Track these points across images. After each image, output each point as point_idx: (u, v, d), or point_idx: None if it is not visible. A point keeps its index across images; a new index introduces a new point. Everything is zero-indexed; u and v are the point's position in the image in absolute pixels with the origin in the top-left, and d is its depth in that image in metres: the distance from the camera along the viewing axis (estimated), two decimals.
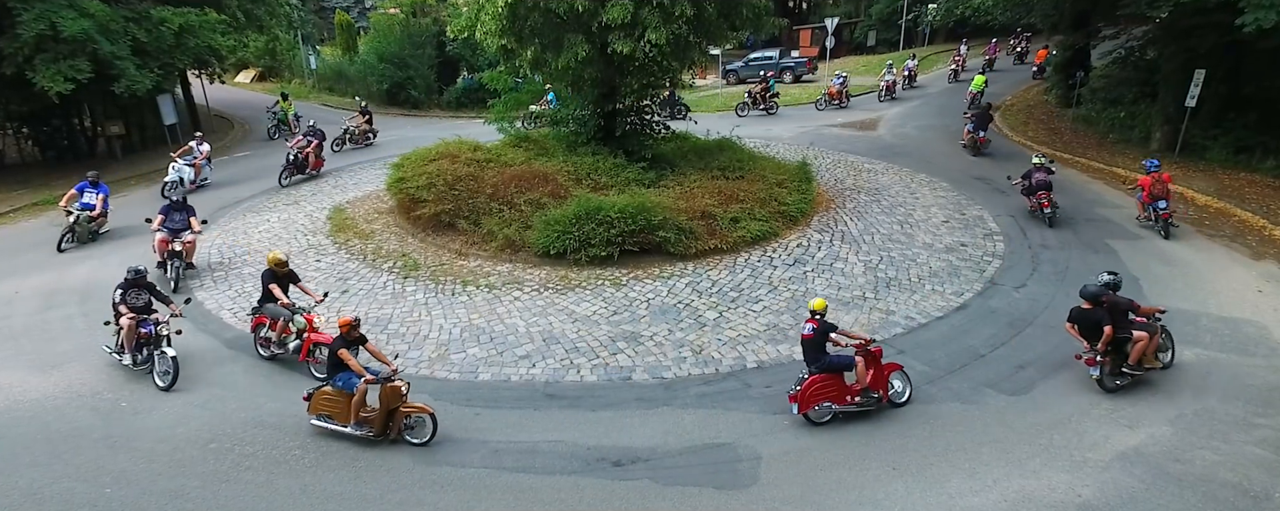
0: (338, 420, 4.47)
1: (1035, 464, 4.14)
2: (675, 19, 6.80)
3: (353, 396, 4.35)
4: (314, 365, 5.20)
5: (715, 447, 4.40)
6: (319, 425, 4.52)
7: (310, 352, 5.22)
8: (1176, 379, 4.91)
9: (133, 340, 5.18)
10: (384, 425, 4.43)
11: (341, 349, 4.36)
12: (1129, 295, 5.97)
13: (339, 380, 4.43)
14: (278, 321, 5.34)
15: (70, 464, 4.32)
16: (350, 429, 4.43)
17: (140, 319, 5.18)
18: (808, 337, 4.46)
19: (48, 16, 9.10)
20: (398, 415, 4.42)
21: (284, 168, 10.00)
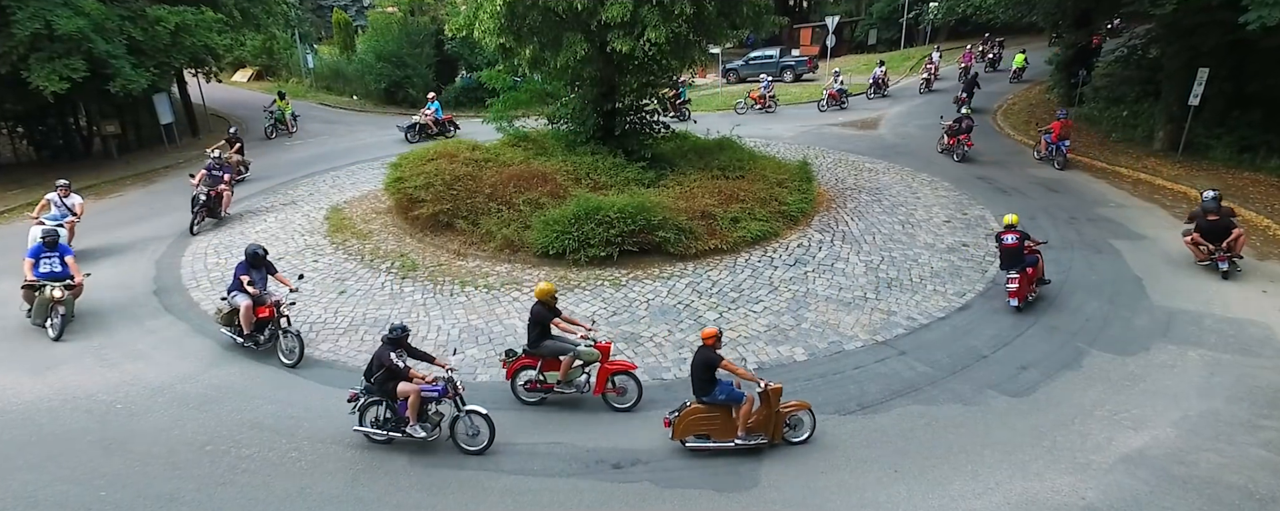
0: (717, 437, 4.15)
1: (1038, 466, 4.11)
2: (675, 17, 6.76)
3: (738, 407, 4.07)
4: (613, 396, 4.67)
5: (715, 449, 4.36)
6: (696, 446, 4.14)
7: (609, 382, 4.63)
8: (1181, 380, 4.87)
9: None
10: (772, 428, 4.14)
11: (721, 361, 4.01)
12: (1132, 295, 6.02)
13: (720, 393, 4.09)
14: (562, 358, 4.60)
15: (64, 466, 4.27)
16: (740, 440, 4.10)
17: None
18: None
19: (42, 15, 9.03)
20: (780, 416, 4.15)
21: (195, 212, 8.08)
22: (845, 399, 4.85)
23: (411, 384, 4.22)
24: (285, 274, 5.91)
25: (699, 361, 4.19)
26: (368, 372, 4.39)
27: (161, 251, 7.80)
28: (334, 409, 4.84)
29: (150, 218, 8.78)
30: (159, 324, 6.10)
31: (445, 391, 4.28)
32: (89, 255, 7.71)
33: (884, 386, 4.97)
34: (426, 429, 4.32)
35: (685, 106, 13.68)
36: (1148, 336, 5.45)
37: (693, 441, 4.26)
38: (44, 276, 5.74)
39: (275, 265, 5.87)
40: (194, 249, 7.84)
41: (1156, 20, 9.16)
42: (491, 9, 6.93)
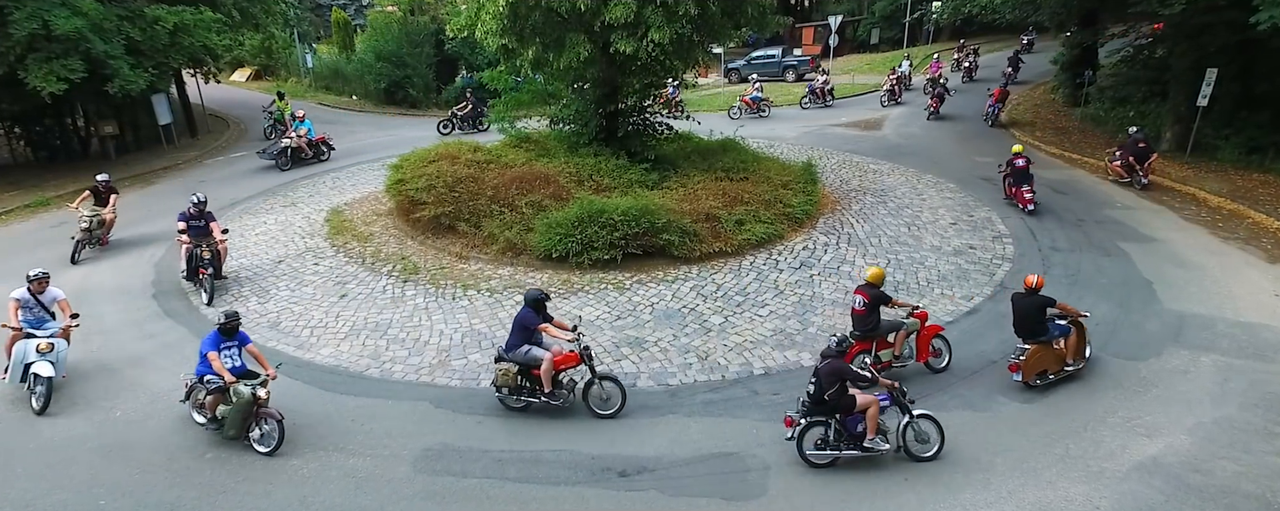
0: (1052, 369, 4.66)
1: (1051, 474, 4.05)
2: (679, 18, 6.68)
3: (1066, 339, 4.60)
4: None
5: (723, 457, 4.31)
6: (1041, 383, 4.60)
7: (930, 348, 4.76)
8: (1194, 386, 4.82)
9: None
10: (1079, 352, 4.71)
11: (1054, 302, 4.60)
12: (1142, 299, 5.93)
13: (1054, 329, 4.69)
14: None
15: (64, 474, 4.22)
16: (1069, 366, 4.69)
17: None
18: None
19: (40, 15, 8.95)
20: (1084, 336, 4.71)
21: (76, 244, 7.23)
22: None
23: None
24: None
25: (1031, 305, 4.71)
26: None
27: (160, 254, 7.73)
28: (336, 415, 4.80)
29: (148, 220, 8.70)
30: (158, 328, 6.04)
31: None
32: (86, 258, 7.66)
33: None
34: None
35: (680, 104, 13.63)
36: (1159, 341, 5.39)
37: (1037, 380, 4.71)
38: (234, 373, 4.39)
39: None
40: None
41: (1165, 20, 9.07)
42: (494, 9, 6.86)
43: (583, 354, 4.56)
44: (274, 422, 4.34)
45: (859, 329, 4.96)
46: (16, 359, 4.84)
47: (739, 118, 13.69)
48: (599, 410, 4.64)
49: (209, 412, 4.47)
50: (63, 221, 9.09)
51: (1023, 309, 4.76)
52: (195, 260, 6.44)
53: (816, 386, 4.10)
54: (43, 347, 4.83)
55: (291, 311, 6.24)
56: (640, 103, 8.77)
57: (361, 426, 4.66)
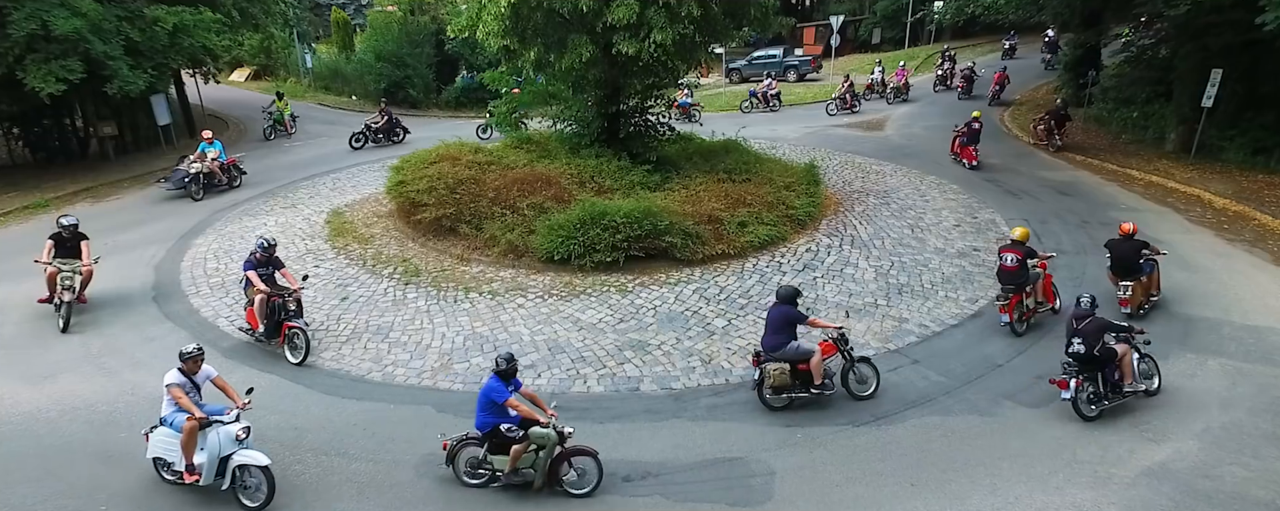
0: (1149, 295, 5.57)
1: (1058, 480, 4.02)
2: (681, 19, 6.65)
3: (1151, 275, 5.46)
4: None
5: (727, 462, 4.28)
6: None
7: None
8: (1202, 390, 4.79)
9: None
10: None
11: (1145, 244, 5.57)
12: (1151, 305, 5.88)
13: (1147, 266, 5.62)
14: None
15: (63, 480, 4.18)
16: (1154, 296, 5.55)
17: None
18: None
19: (39, 15, 8.89)
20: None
21: (64, 307, 5.83)
22: (858, 409, 4.76)
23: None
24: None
25: (1130, 249, 5.52)
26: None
27: (160, 256, 7.69)
28: (337, 420, 4.76)
29: (148, 221, 8.67)
30: (159, 331, 6.00)
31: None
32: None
33: (898, 396, 4.89)
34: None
35: (694, 108, 13.56)
36: (1166, 345, 5.34)
37: (1142, 309, 5.45)
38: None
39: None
40: (193, 254, 7.74)
41: (1169, 20, 9.04)
42: (495, 10, 6.82)
43: (838, 341, 4.74)
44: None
45: (1012, 283, 5.56)
46: (211, 454, 3.80)
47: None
48: (858, 393, 4.79)
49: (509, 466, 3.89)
50: None
51: (1122, 252, 5.58)
52: (278, 313, 5.22)
53: (1085, 344, 4.43)
54: (241, 434, 3.83)
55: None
56: (642, 104, 8.72)
57: (364, 431, 4.62)
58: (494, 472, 4.02)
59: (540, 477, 3.99)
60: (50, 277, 5.85)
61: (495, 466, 4.00)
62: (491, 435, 3.93)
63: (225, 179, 9.84)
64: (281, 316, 5.36)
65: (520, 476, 4.03)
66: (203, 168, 9.51)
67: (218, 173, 9.73)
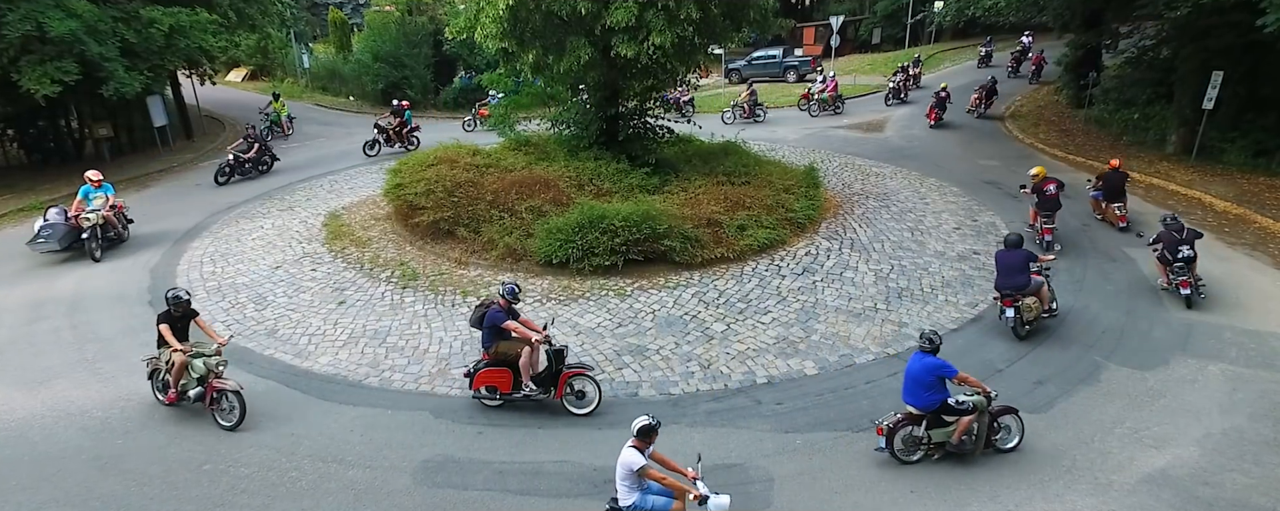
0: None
1: (1058, 486, 4.01)
2: (680, 21, 6.62)
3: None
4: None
5: (726, 469, 4.25)
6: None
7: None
8: (1203, 396, 4.77)
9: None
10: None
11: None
12: (1149, 306, 5.86)
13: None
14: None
15: (58, 487, 4.15)
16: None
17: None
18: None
19: (34, 17, 8.84)
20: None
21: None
22: (858, 415, 4.74)
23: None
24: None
25: (1118, 179, 6.93)
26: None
27: (156, 260, 7.65)
28: (334, 426, 4.73)
29: (144, 224, 8.59)
30: (154, 336, 5.95)
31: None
32: (80, 263, 7.57)
33: (898, 402, 4.82)
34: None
35: (689, 103, 13.49)
36: (1167, 349, 5.35)
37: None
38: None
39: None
40: (190, 257, 7.70)
41: (1169, 22, 9.00)
42: (493, 12, 6.78)
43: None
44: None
45: (1050, 210, 6.52)
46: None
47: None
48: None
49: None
50: None
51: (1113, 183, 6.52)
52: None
53: (1191, 246, 5.54)
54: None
55: (289, 318, 6.17)
56: (641, 106, 8.69)
57: (361, 436, 4.60)
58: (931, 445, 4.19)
59: (978, 443, 4.18)
60: (180, 366, 4.66)
61: (934, 439, 4.18)
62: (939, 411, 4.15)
63: (120, 227, 7.76)
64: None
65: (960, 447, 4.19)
66: (97, 221, 7.29)
67: (113, 221, 7.60)
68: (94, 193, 7.65)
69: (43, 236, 7.35)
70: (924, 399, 4.13)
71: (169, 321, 4.67)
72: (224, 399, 4.65)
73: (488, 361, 4.71)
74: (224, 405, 4.65)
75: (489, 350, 4.71)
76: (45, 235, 7.34)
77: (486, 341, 4.73)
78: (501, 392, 4.74)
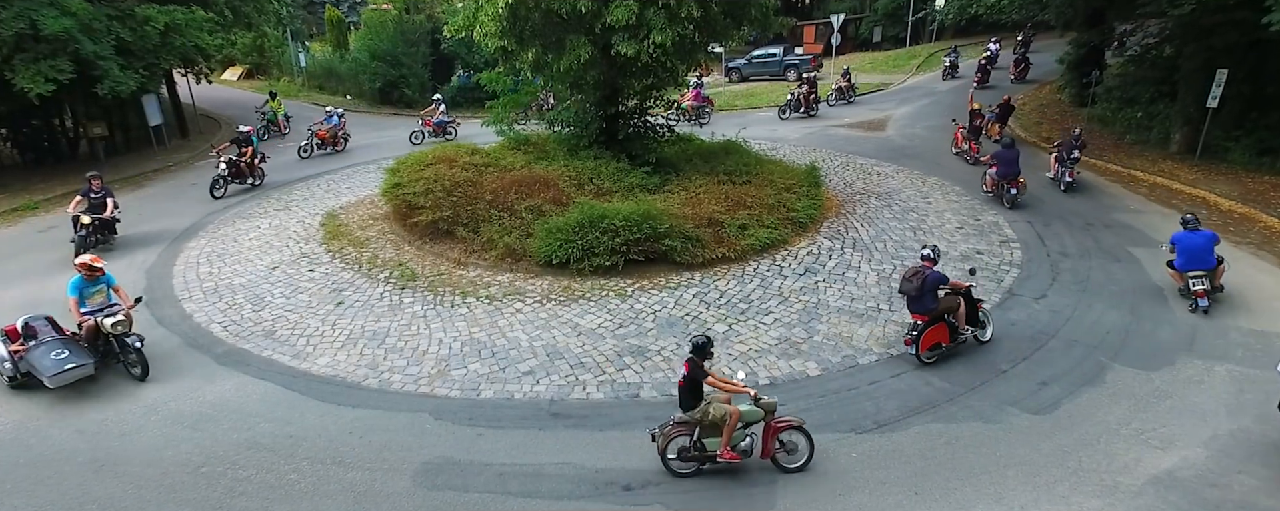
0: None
1: (1063, 488, 3.97)
2: (681, 19, 6.56)
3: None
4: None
5: (728, 471, 4.21)
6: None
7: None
8: (1209, 397, 4.73)
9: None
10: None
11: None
12: (1154, 306, 5.80)
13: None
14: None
15: (53, 490, 4.10)
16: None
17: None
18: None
19: (27, 14, 8.75)
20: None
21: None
22: (861, 416, 4.70)
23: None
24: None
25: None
26: None
27: (152, 260, 7.59)
28: (333, 427, 4.68)
29: (139, 224, 8.55)
30: (151, 337, 5.88)
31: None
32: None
33: (901, 403, 4.83)
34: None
35: (704, 108, 13.36)
36: (1172, 350, 5.30)
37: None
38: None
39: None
40: (186, 257, 7.63)
41: (1173, 20, 8.94)
42: (492, 11, 6.73)
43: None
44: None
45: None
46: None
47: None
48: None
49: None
50: (51, 225, 8.95)
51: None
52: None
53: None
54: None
55: (287, 319, 6.12)
56: (641, 105, 8.64)
57: (360, 438, 4.55)
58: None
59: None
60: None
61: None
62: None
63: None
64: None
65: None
66: (119, 328, 5.14)
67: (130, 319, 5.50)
68: (90, 288, 5.27)
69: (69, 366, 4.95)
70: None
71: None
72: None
73: (926, 322, 5.05)
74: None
75: (929, 310, 5.05)
76: (69, 364, 4.93)
77: (931, 303, 5.05)
78: (944, 344, 5.06)
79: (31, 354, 4.90)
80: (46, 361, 4.84)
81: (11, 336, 5.08)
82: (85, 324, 5.12)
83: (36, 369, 4.86)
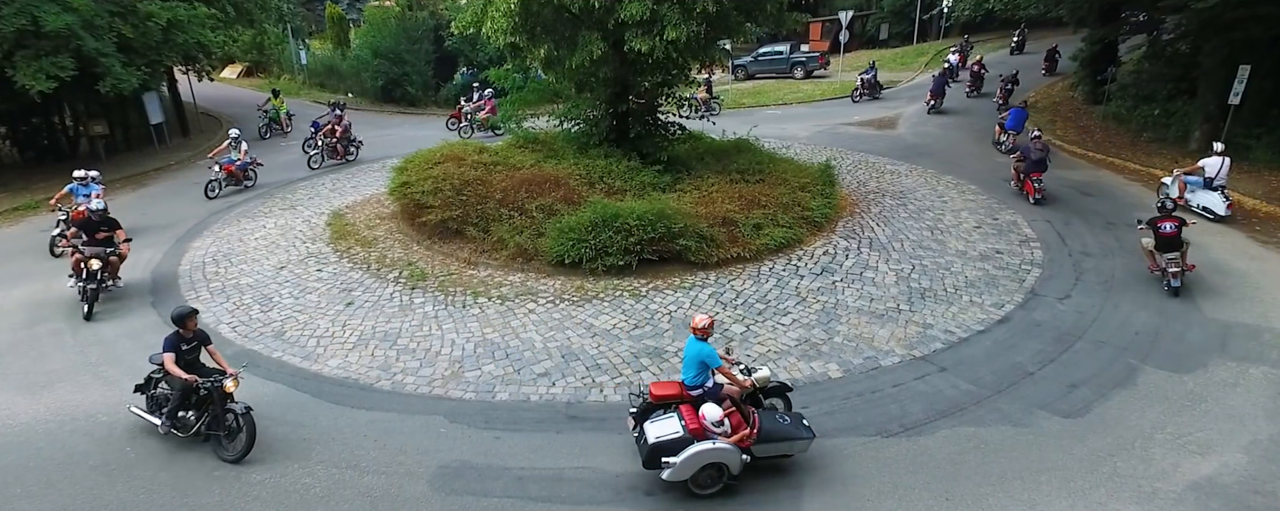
0: None
1: (1100, 494, 3.87)
2: (695, 15, 6.44)
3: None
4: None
5: (751, 475, 4.11)
6: None
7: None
8: (1246, 400, 4.62)
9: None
10: None
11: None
12: (1182, 307, 5.71)
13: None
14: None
15: (65, 494, 4.01)
16: None
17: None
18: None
19: (29, 11, 8.64)
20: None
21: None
22: (887, 419, 4.60)
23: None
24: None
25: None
26: None
27: (157, 260, 7.49)
28: (347, 431, 4.58)
29: (142, 224, 8.41)
30: (158, 338, 5.69)
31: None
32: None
33: (927, 406, 4.72)
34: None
35: (714, 102, 13.33)
36: (1204, 352, 5.20)
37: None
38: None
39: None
40: (191, 257, 7.53)
41: (1193, 15, 8.77)
42: (504, 7, 6.61)
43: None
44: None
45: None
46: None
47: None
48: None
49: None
50: (52, 225, 8.81)
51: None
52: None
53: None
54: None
55: (296, 320, 6.01)
56: (653, 102, 8.52)
57: (375, 442, 4.45)
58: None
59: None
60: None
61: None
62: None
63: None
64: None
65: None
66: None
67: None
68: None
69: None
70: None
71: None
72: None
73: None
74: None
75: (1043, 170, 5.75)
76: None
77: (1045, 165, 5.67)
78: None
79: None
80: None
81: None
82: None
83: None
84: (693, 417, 3.90)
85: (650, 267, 6.59)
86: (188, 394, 4.27)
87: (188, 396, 4.28)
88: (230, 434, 4.29)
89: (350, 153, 10.84)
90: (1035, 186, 8.08)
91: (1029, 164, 8.17)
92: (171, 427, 4.34)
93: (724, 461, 3.81)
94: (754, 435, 3.87)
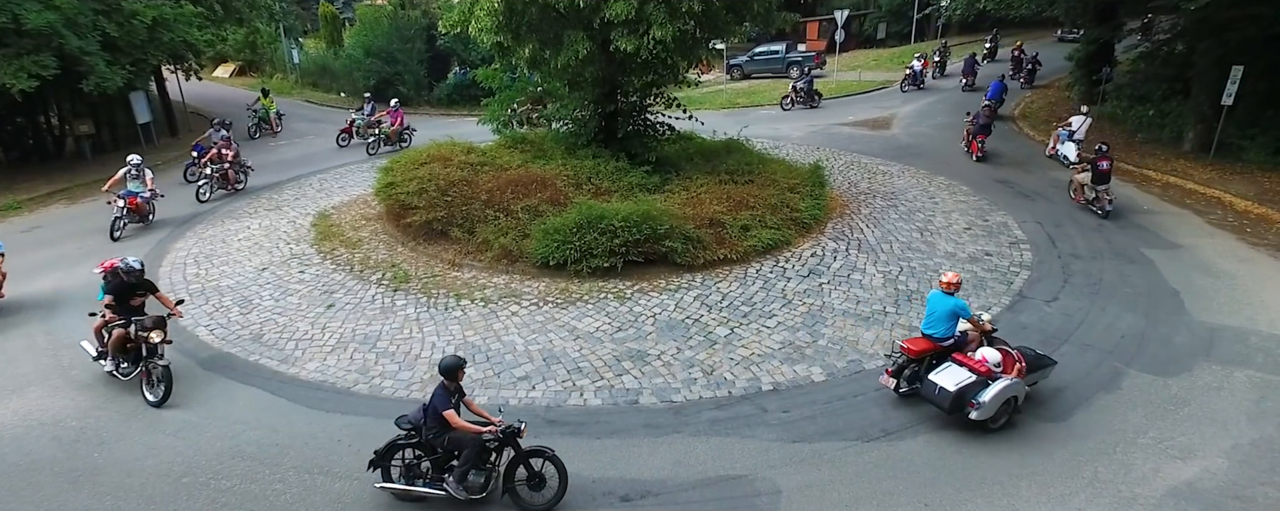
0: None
1: (1079, 500, 3.82)
2: (682, 15, 6.38)
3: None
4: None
5: (730, 480, 4.06)
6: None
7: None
8: (1229, 404, 4.58)
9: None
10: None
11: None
12: (1169, 310, 5.66)
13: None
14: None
15: (28, 501, 3.94)
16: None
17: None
18: None
19: (10, 8, 8.56)
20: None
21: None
22: (868, 424, 4.54)
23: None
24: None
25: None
26: None
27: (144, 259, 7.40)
28: (321, 435, 4.52)
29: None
30: None
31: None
32: (59, 264, 7.30)
33: (909, 410, 4.67)
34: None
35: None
36: (1189, 355, 5.15)
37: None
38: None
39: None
40: (173, 259, 7.45)
41: (1187, 15, 8.75)
42: (489, 6, 6.55)
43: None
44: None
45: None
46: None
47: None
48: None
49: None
50: (35, 225, 8.74)
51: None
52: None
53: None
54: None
55: (275, 323, 5.94)
56: (641, 102, 8.45)
57: (350, 447, 4.38)
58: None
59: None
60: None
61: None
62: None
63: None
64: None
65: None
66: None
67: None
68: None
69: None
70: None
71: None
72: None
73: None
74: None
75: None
76: None
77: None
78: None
79: None
80: None
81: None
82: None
83: None
84: (974, 363, 4.28)
85: (636, 269, 6.53)
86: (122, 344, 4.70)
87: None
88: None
89: (240, 181, 9.15)
90: (980, 147, 9.77)
91: (977, 127, 9.89)
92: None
93: (1017, 394, 4.25)
94: (1025, 368, 4.30)
